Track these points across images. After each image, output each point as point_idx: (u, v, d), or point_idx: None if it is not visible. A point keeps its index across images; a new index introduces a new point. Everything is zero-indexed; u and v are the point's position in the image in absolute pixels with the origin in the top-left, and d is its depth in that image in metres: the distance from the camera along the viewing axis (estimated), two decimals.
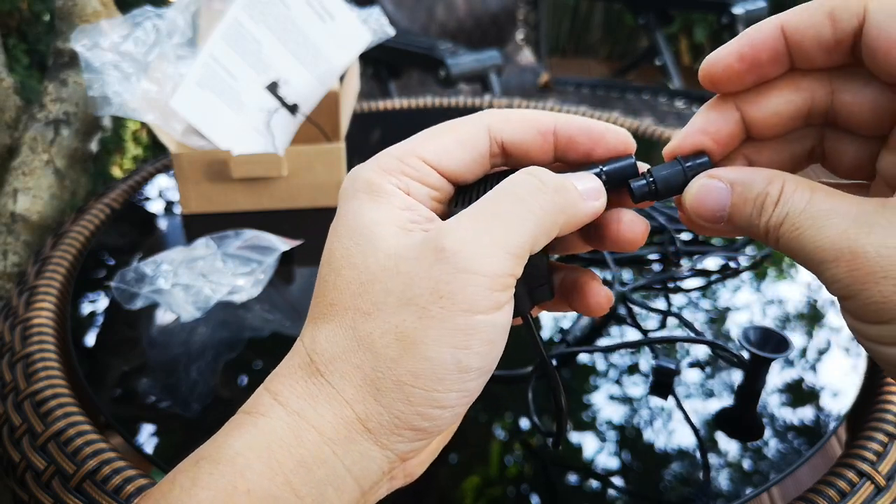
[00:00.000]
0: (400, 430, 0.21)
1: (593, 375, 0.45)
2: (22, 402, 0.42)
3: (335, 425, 0.20)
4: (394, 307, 0.20)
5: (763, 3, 1.39)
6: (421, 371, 0.20)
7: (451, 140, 0.23)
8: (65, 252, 0.57)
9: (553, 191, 0.21)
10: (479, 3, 1.55)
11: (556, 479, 0.38)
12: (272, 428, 0.20)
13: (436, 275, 0.19)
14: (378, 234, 0.21)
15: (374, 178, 0.22)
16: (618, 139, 0.23)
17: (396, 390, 0.20)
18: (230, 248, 0.52)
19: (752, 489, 0.37)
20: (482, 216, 0.20)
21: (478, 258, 0.19)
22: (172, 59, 0.58)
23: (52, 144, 0.67)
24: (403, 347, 0.20)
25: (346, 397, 0.20)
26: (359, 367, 0.20)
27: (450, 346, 0.20)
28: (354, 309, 0.21)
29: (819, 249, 0.18)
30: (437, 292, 0.19)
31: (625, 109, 1.36)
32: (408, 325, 0.20)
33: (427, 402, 0.20)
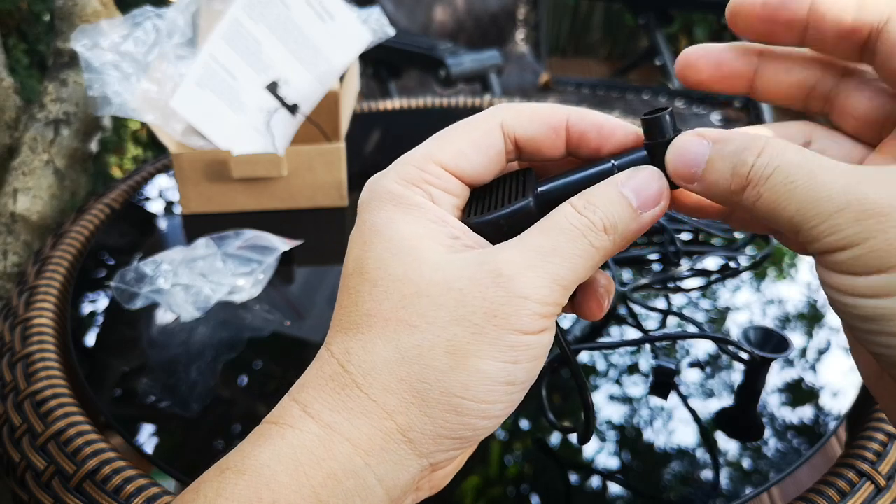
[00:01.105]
0: (442, 440, 0.21)
1: (594, 375, 0.45)
2: (22, 402, 0.42)
3: (371, 437, 0.21)
4: (445, 322, 0.20)
5: None
6: (472, 383, 0.20)
7: (468, 143, 0.23)
8: (65, 252, 0.57)
9: (602, 231, 0.21)
10: (479, 3, 1.55)
11: (556, 478, 0.38)
12: (301, 441, 0.20)
13: (491, 296, 0.20)
14: (420, 247, 0.21)
15: (399, 189, 0.22)
16: (627, 136, 0.23)
17: (445, 402, 0.21)
18: (230, 248, 0.52)
19: (752, 489, 0.37)
20: (539, 249, 0.21)
21: (533, 287, 0.20)
22: (172, 59, 0.58)
23: (53, 144, 0.67)
24: (455, 360, 0.20)
25: (387, 409, 0.21)
26: (403, 380, 0.21)
27: (501, 360, 0.20)
28: (398, 321, 0.21)
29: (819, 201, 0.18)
30: (492, 312, 0.20)
31: (625, 109, 1.36)
32: (460, 340, 0.20)
33: (476, 412, 0.21)
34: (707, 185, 0.21)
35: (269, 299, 0.52)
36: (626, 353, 0.47)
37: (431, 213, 0.22)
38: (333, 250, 0.59)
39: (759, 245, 0.59)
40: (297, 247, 0.53)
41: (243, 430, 0.41)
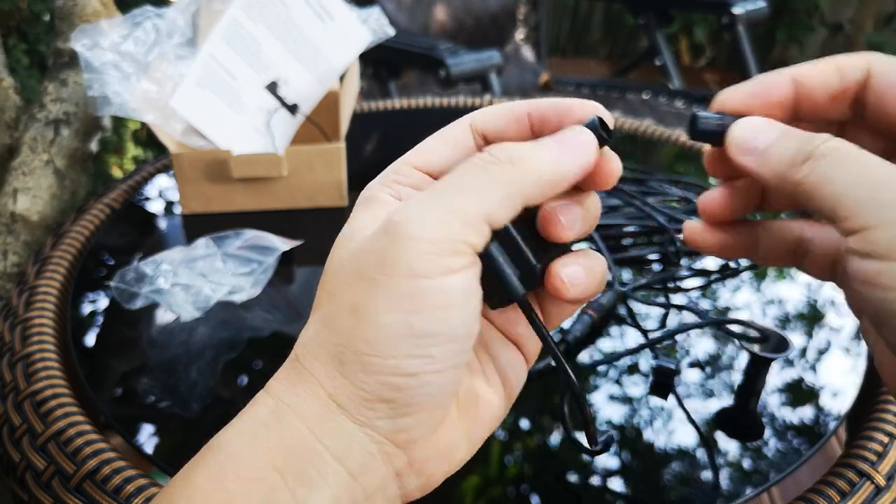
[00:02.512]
0: (370, 403, 0.21)
1: (593, 375, 0.45)
2: (22, 402, 0.42)
3: (310, 405, 0.21)
4: (348, 284, 0.21)
5: (763, 3, 1.39)
6: (374, 338, 0.20)
7: (436, 141, 0.24)
8: (65, 252, 0.57)
9: (507, 161, 0.21)
10: (479, 3, 1.55)
11: (556, 478, 0.38)
12: (258, 415, 0.22)
13: (380, 246, 0.20)
14: (361, 234, 0.22)
15: (371, 192, 0.24)
16: (584, 109, 0.23)
17: (357, 361, 0.21)
18: (230, 248, 0.52)
19: (752, 489, 0.37)
20: (432, 192, 0.21)
21: (421, 226, 0.20)
22: (172, 59, 0.58)
23: (53, 144, 0.67)
24: (357, 318, 0.21)
25: (317, 377, 0.21)
26: (323, 346, 0.21)
27: (400, 311, 0.20)
28: (323, 296, 0.22)
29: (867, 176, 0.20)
30: (381, 261, 0.20)
31: (625, 109, 1.36)
32: (359, 297, 0.21)
33: (386, 369, 0.20)
34: (767, 158, 0.22)
35: (269, 299, 0.52)
36: (626, 351, 0.47)
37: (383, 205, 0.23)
38: None
39: None
40: (297, 247, 0.53)
41: None
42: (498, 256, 0.22)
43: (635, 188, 0.62)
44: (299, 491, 0.21)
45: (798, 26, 2.60)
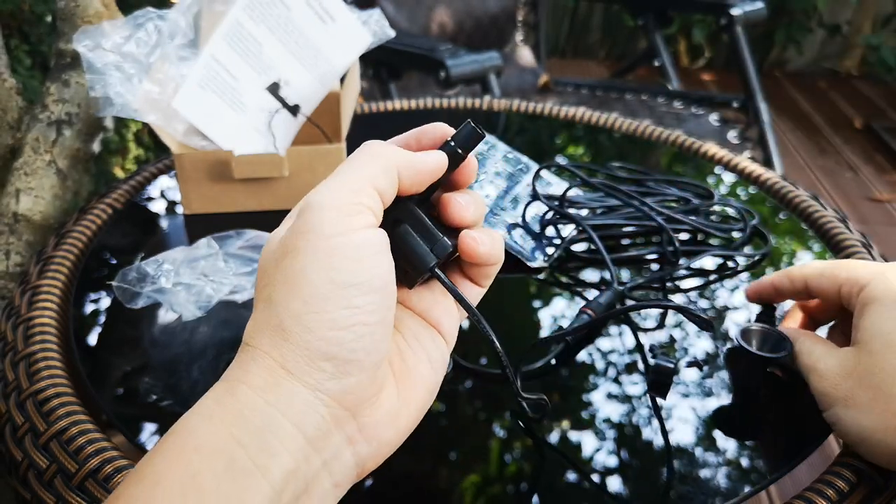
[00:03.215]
0: (316, 363, 0.24)
1: (592, 374, 0.46)
2: (24, 400, 0.42)
3: (261, 376, 0.24)
4: (278, 262, 0.24)
5: (761, 5, 1.39)
6: (307, 296, 0.23)
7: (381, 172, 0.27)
8: (67, 252, 0.57)
9: (374, 150, 0.26)
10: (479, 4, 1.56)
11: (556, 477, 0.38)
12: (213, 396, 0.24)
13: (301, 222, 0.24)
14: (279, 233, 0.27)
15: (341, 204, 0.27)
16: (434, 127, 0.29)
17: (297, 323, 0.23)
18: (232, 248, 0.52)
19: (751, 487, 0.37)
20: (333, 176, 0.26)
21: (324, 196, 0.24)
22: (174, 60, 0.58)
23: (55, 145, 0.67)
24: (289, 285, 0.24)
25: (265, 350, 0.24)
26: (267, 322, 0.24)
27: (322, 268, 0.23)
28: (259, 288, 0.25)
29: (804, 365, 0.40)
30: (301, 230, 0.24)
31: (623, 110, 1.36)
32: (288, 268, 0.24)
33: (323, 324, 0.23)
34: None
35: None
36: (625, 351, 0.47)
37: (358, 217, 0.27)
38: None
39: (757, 245, 0.59)
40: None
41: None
42: (408, 234, 0.27)
43: (634, 188, 0.63)
44: (260, 458, 0.22)
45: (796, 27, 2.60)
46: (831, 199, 2.01)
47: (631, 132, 0.82)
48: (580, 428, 0.41)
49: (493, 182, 0.60)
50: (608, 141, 0.83)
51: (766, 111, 1.40)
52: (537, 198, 0.58)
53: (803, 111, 2.53)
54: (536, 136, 0.84)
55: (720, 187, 0.71)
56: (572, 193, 0.62)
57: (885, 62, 2.50)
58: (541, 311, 0.52)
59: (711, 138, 1.19)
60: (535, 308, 0.52)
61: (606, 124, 0.84)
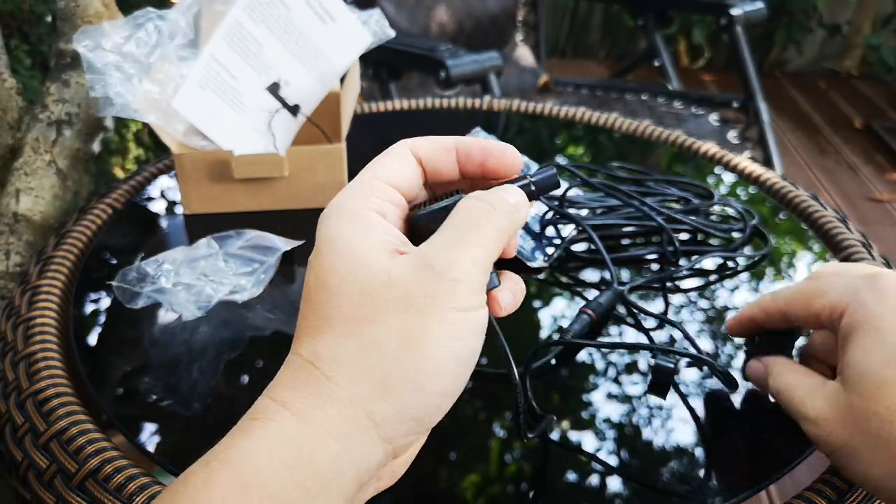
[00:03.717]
0: (404, 421, 0.24)
1: (592, 374, 0.46)
2: (24, 400, 0.42)
3: (341, 423, 0.23)
4: (395, 312, 0.23)
5: (761, 4, 1.39)
6: (424, 363, 0.23)
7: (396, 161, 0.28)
8: (67, 252, 0.57)
9: (504, 212, 0.26)
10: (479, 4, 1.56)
11: (556, 477, 0.38)
12: (281, 430, 0.22)
13: (430, 284, 0.24)
14: (371, 257, 0.25)
15: (353, 206, 0.26)
16: (504, 153, 0.28)
17: (403, 384, 0.23)
18: (232, 248, 0.52)
19: (751, 488, 0.37)
20: (457, 241, 0.25)
21: (460, 270, 0.24)
22: (174, 60, 0.58)
23: (55, 145, 0.67)
24: (406, 345, 0.23)
25: (355, 397, 0.23)
26: (367, 369, 0.23)
27: (447, 337, 0.24)
28: (356, 318, 0.24)
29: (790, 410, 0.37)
30: (432, 297, 0.24)
31: (623, 110, 1.36)
32: (409, 326, 0.23)
33: (430, 390, 0.24)
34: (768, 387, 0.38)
35: (270, 299, 0.52)
36: (625, 351, 0.47)
37: (380, 227, 0.26)
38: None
39: (757, 245, 0.59)
40: (299, 247, 0.53)
41: None
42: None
43: (634, 188, 0.63)
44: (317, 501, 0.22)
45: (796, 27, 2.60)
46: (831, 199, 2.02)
47: (631, 132, 0.82)
48: (580, 428, 0.41)
49: None
50: (608, 141, 0.83)
51: (766, 111, 1.40)
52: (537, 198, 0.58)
53: (803, 111, 2.53)
54: (536, 136, 0.84)
55: (720, 187, 0.71)
56: (572, 193, 0.62)
57: (885, 62, 2.50)
58: (541, 311, 0.52)
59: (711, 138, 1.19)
60: (535, 308, 0.52)
61: (606, 124, 0.84)
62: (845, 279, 0.34)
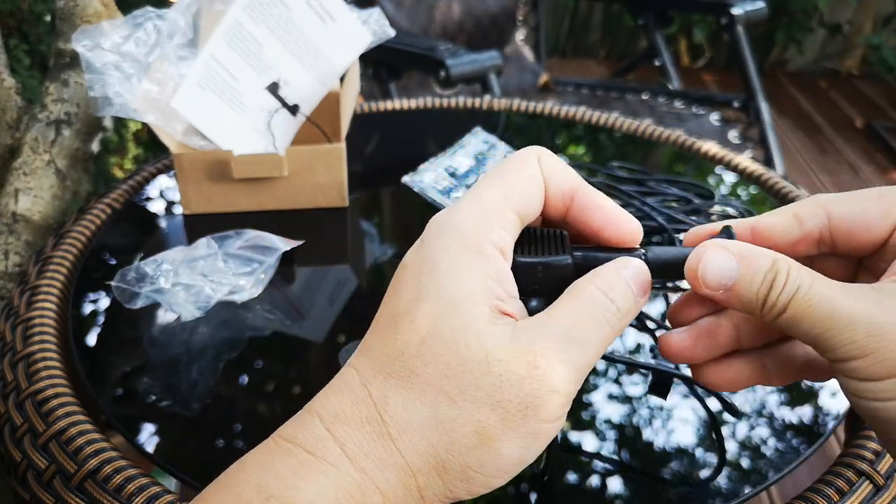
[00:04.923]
0: (447, 499, 0.23)
1: (592, 374, 0.45)
2: (23, 401, 0.42)
3: (396, 489, 0.23)
4: (481, 403, 0.22)
5: (762, 4, 1.39)
6: (489, 462, 0.22)
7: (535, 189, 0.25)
8: (66, 252, 0.57)
9: (624, 316, 0.24)
10: (479, 3, 1.56)
11: (556, 478, 0.38)
12: (342, 483, 0.22)
13: (527, 388, 0.22)
14: (470, 314, 0.22)
15: (473, 236, 0.23)
16: (628, 223, 0.25)
17: (461, 472, 0.23)
18: (231, 248, 0.52)
19: (751, 488, 0.37)
20: (570, 337, 0.23)
21: (563, 381, 0.22)
22: (173, 60, 0.58)
23: (54, 145, 0.67)
24: (481, 440, 0.22)
25: (413, 468, 0.23)
26: (433, 446, 0.22)
27: (519, 446, 0.23)
28: (439, 390, 0.22)
29: (833, 317, 0.21)
30: (525, 403, 0.22)
31: (624, 110, 1.36)
32: (490, 423, 0.22)
33: (483, 484, 0.23)
34: (734, 295, 0.23)
35: (269, 299, 0.52)
36: (626, 352, 0.47)
37: (493, 269, 0.23)
38: (334, 250, 0.60)
39: None
40: (298, 247, 0.53)
41: (244, 430, 0.41)
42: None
43: (634, 188, 0.62)
44: None
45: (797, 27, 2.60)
46: None
47: (631, 132, 0.82)
48: (580, 428, 0.41)
49: None
50: (609, 141, 0.83)
51: (767, 111, 1.40)
52: None
53: (804, 111, 2.53)
54: (537, 136, 0.84)
55: (721, 187, 0.71)
56: None
57: (886, 62, 2.50)
58: None
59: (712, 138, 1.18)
60: None
61: (607, 124, 0.84)
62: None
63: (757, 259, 0.23)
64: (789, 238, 0.25)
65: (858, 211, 0.24)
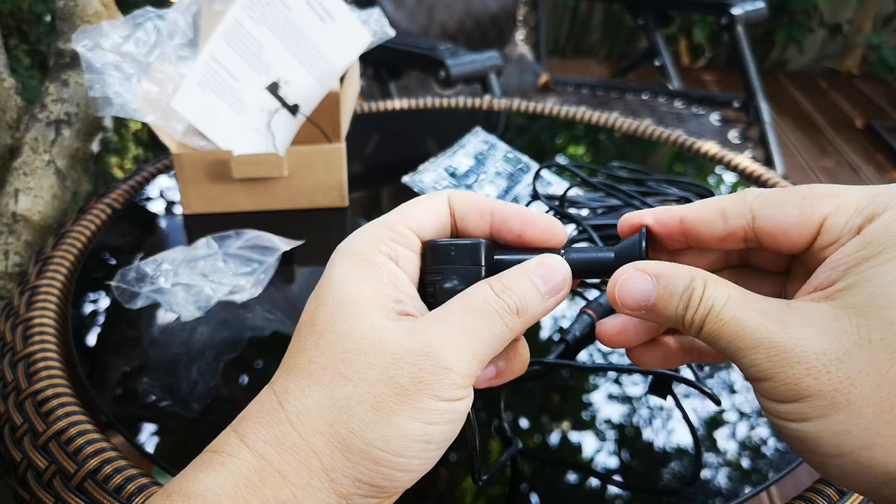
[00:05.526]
0: (360, 485, 0.23)
1: (592, 375, 0.45)
2: (23, 401, 0.42)
3: (298, 471, 0.23)
4: (375, 379, 0.23)
5: (762, 4, 1.39)
6: (392, 438, 0.23)
7: (425, 209, 0.27)
8: (66, 252, 0.57)
9: (516, 313, 0.24)
10: (479, 3, 1.55)
11: (556, 478, 0.38)
12: (239, 468, 0.23)
13: (420, 364, 0.23)
14: (364, 310, 0.24)
15: (364, 248, 0.25)
16: (547, 224, 0.26)
17: (365, 451, 0.23)
18: (231, 248, 0.52)
19: (751, 488, 0.37)
20: (462, 326, 0.24)
21: (456, 360, 0.23)
22: (173, 60, 0.58)
23: (54, 145, 0.67)
24: (379, 415, 0.23)
25: (314, 449, 0.23)
26: (331, 425, 0.23)
27: (420, 421, 0.23)
28: (335, 372, 0.23)
29: (740, 338, 0.22)
30: (418, 378, 0.23)
31: (624, 110, 1.36)
32: (386, 398, 0.23)
33: (393, 464, 0.23)
34: (654, 315, 0.24)
35: (269, 299, 0.52)
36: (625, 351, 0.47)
37: (385, 274, 0.25)
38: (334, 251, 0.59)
39: None
40: (298, 247, 0.53)
41: None
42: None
43: (634, 188, 0.62)
44: None
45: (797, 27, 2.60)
46: None
47: (631, 132, 0.82)
48: (580, 428, 0.41)
49: (493, 182, 0.60)
50: (609, 140, 0.83)
51: (767, 111, 1.40)
52: (538, 197, 0.58)
53: (804, 111, 2.53)
54: (537, 136, 0.84)
55: (721, 187, 0.71)
56: (573, 193, 0.61)
57: (886, 62, 2.50)
58: None
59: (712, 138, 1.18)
60: None
61: (607, 124, 0.84)
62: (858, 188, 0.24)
63: (674, 279, 0.23)
64: (714, 233, 0.25)
65: (780, 216, 0.24)
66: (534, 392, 0.44)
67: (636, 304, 0.24)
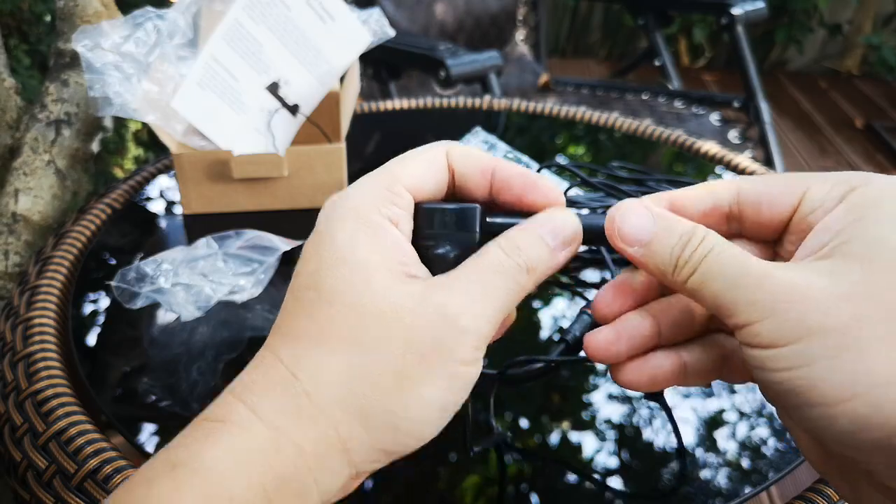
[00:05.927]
0: (375, 452, 0.23)
1: (592, 375, 0.45)
2: (23, 401, 0.42)
3: (316, 443, 0.22)
4: (395, 348, 0.22)
5: (762, 4, 1.39)
6: (412, 405, 0.23)
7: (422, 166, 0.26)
8: (66, 252, 0.57)
9: (527, 272, 0.24)
10: (479, 3, 1.55)
11: (556, 478, 0.38)
12: (253, 441, 0.22)
13: (439, 329, 0.23)
14: (376, 276, 0.23)
15: (365, 210, 0.24)
16: (548, 187, 0.26)
17: (385, 419, 0.22)
18: (231, 248, 0.52)
19: (751, 488, 0.37)
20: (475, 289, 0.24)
21: (472, 323, 0.23)
22: (173, 60, 0.58)
23: (54, 145, 0.67)
24: (400, 383, 0.22)
25: (333, 420, 0.22)
26: (351, 395, 0.22)
27: (440, 387, 0.23)
28: (352, 341, 0.23)
29: (741, 275, 0.22)
30: (439, 343, 0.23)
31: (624, 110, 1.36)
32: (407, 365, 0.22)
33: (410, 432, 0.23)
34: (648, 253, 0.24)
35: (269, 299, 0.52)
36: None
37: (390, 238, 0.24)
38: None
39: None
40: (298, 247, 0.53)
41: None
42: None
43: (634, 188, 0.62)
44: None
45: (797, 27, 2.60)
46: None
47: (631, 132, 0.82)
48: (580, 428, 0.41)
49: None
50: (609, 140, 0.83)
51: (767, 111, 1.40)
52: None
53: (804, 111, 2.53)
54: (537, 136, 0.84)
55: None
56: (573, 193, 0.61)
57: (886, 62, 2.50)
58: (541, 311, 0.52)
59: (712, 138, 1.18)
60: (535, 308, 0.52)
61: (607, 124, 0.84)
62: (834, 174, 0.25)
63: (675, 221, 0.24)
64: (701, 207, 0.26)
65: (764, 187, 0.25)
66: (533, 392, 0.44)
67: (633, 238, 0.24)
